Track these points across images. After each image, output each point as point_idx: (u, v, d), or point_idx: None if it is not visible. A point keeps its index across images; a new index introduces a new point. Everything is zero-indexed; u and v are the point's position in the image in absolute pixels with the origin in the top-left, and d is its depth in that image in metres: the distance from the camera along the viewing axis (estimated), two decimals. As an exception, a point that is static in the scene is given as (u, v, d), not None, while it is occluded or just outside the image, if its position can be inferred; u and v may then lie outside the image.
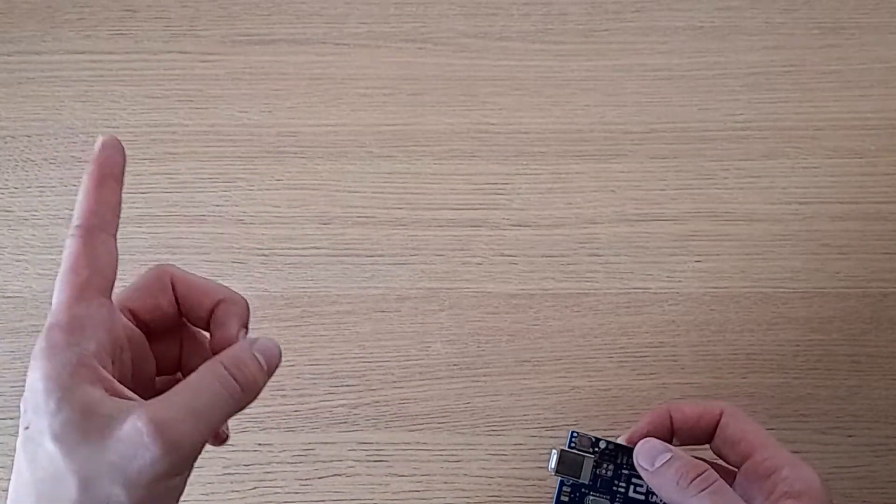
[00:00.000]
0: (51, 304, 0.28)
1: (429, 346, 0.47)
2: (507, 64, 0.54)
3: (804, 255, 0.49)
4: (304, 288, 0.49)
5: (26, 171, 0.52)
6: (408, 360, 0.47)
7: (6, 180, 0.52)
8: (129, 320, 0.31)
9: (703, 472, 0.32)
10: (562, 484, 0.35)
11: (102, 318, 0.28)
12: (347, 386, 0.47)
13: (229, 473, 0.45)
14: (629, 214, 0.50)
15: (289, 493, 0.45)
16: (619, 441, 0.36)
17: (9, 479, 0.27)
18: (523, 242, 0.50)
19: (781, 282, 0.48)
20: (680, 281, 0.48)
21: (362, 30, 0.55)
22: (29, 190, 0.52)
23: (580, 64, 0.54)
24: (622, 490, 0.35)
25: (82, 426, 0.25)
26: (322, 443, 0.46)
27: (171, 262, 0.33)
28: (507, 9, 0.55)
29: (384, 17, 0.55)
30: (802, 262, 0.49)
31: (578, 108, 0.53)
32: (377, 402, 0.47)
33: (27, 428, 0.26)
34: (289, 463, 0.45)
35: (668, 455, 0.33)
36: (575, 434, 0.35)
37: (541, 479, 0.45)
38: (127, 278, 0.49)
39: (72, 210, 0.51)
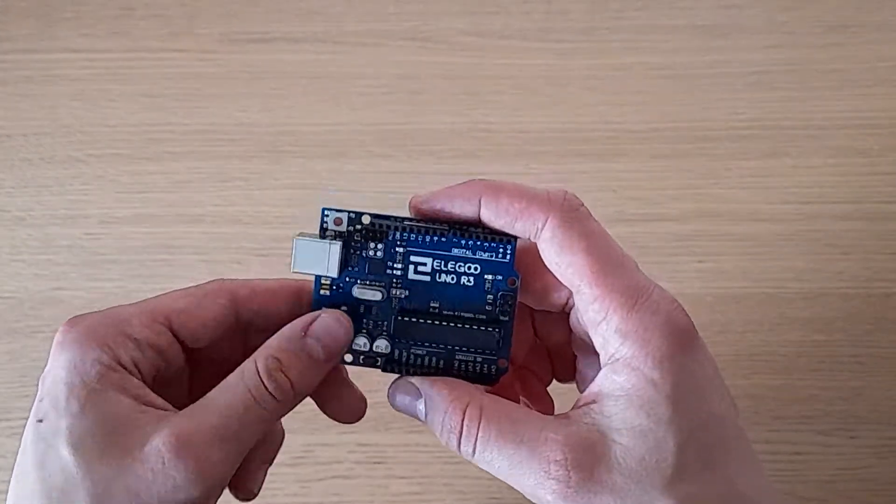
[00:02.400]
0: (48, 304, 0.27)
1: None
2: (508, 62, 0.53)
3: (807, 255, 0.48)
4: (303, 288, 0.48)
5: (23, 171, 0.52)
6: (408, 361, 0.47)
7: (2, 179, 0.52)
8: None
9: (462, 426, 0.25)
10: (318, 277, 0.28)
11: (155, 334, 0.26)
12: (347, 387, 0.47)
13: (228, 475, 0.45)
14: (630, 214, 0.50)
15: (287, 495, 0.44)
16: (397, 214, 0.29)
17: (7, 481, 0.25)
18: (524, 242, 0.49)
19: (784, 282, 0.48)
20: (682, 281, 0.48)
21: (362, 28, 0.55)
22: (26, 189, 0.51)
23: (581, 62, 0.53)
24: (399, 272, 0.28)
25: (104, 439, 0.23)
26: (321, 444, 0.45)
27: (165, 261, 0.31)
28: (508, 7, 0.55)
29: (384, 15, 0.55)
30: (805, 263, 0.48)
31: (580, 107, 0.52)
32: (377, 403, 0.46)
33: (41, 421, 0.24)
34: (288, 465, 0.45)
35: (420, 405, 0.26)
36: (327, 212, 0.28)
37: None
38: (124, 278, 0.50)
39: (70, 209, 0.51)
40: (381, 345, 0.28)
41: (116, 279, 0.49)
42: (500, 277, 0.27)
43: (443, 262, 0.27)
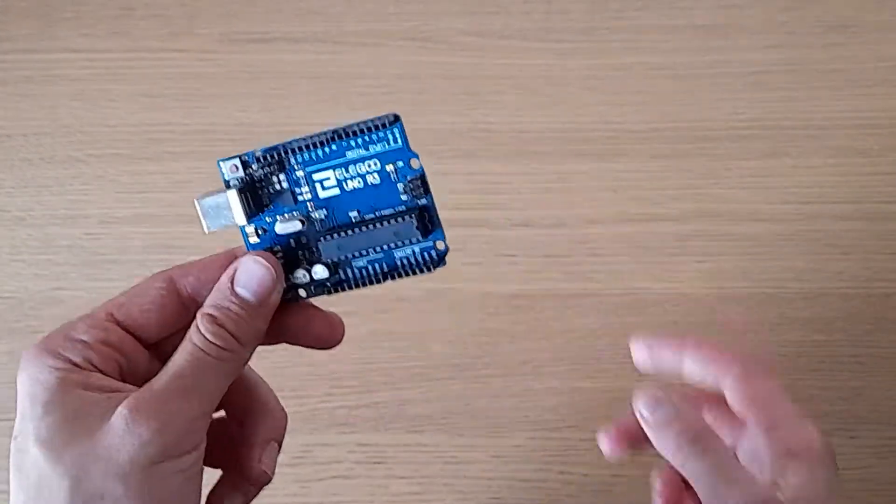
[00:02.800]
0: (48, 304, 0.28)
1: (429, 347, 0.47)
2: (508, 62, 0.53)
3: (807, 256, 0.48)
4: (302, 288, 0.48)
5: (23, 171, 0.52)
6: (407, 361, 0.47)
7: (2, 179, 0.52)
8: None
9: (699, 432, 0.29)
10: (242, 228, 0.29)
11: (101, 331, 0.27)
12: (347, 387, 0.47)
13: (227, 475, 0.45)
14: (630, 214, 0.50)
15: (287, 495, 0.44)
16: None
17: (6, 481, 0.26)
18: (524, 242, 0.49)
19: (784, 282, 0.48)
20: (682, 281, 0.48)
21: (362, 28, 0.55)
22: (26, 189, 0.51)
23: (581, 62, 0.53)
24: (309, 195, 0.28)
25: (70, 428, 0.24)
26: (321, 444, 0.45)
27: (165, 261, 0.32)
28: (508, 7, 0.55)
29: (384, 15, 0.55)
30: (805, 263, 0.48)
31: (579, 107, 0.52)
32: (377, 403, 0.46)
33: (16, 437, 0.25)
34: (287, 465, 0.45)
35: (669, 409, 0.30)
36: (221, 163, 0.28)
37: (542, 482, 0.44)
38: (124, 278, 0.49)
39: (70, 209, 0.51)
40: (319, 270, 0.28)
41: (116, 279, 0.49)
42: (401, 164, 0.28)
43: (344, 170, 0.27)
